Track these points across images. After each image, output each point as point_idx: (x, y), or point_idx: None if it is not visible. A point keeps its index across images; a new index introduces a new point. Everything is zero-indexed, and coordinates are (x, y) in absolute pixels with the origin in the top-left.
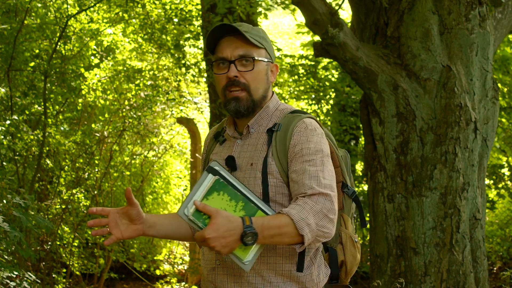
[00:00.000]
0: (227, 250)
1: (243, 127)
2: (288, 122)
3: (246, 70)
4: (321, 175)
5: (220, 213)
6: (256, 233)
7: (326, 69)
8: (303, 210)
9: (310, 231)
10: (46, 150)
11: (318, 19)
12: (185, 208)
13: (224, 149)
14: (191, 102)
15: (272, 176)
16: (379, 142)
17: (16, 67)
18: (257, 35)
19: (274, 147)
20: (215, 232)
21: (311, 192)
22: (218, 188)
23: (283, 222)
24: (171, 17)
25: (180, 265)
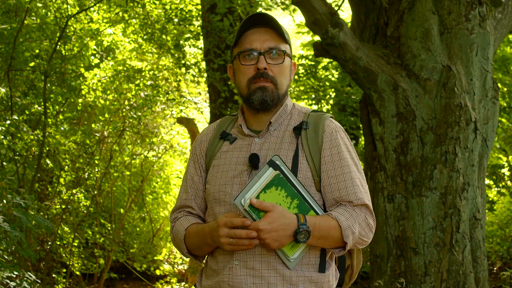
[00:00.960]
0: (277, 245)
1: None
2: (316, 121)
3: (275, 63)
4: (363, 182)
5: (276, 208)
6: (309, 231)
7: (326, 69)
8: (351, 218)
9: (353, 239)
10: (46, 150)
11: (318, 19)
12: (242, 198)
13: (237, 148)
14: (191, 102)
15: (301, 174)
16: (379, 142)
17: (16, 67)
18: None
19: (305, 145)
20: (269, 225)
21: (357, 202)
22: (277, 183)
23: (332, 226)
24: (171, 17)
25: (180, 265)
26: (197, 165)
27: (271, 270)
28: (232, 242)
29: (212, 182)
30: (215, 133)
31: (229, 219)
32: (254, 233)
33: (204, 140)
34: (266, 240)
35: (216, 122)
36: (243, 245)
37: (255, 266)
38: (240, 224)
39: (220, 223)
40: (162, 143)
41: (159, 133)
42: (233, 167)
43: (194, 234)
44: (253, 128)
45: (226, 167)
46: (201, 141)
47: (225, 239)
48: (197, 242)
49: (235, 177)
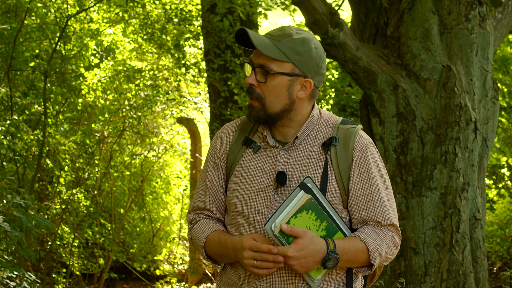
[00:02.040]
0: (304, 270)
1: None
2: (346, 136)
3: (260, 81)
4: (390, 200)
5: (306, 234)
6: (338, 258)
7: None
8: (378, 239)
9: (380, 259)
10: (46, 150)
11: (318, 19)
12: (272, 223)
13: (262, 159)
14: (191, 102)
15: (330, 194)
16: (379, 142)
17: (16, 67)
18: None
19: (335, 163)
20: (298, 252)
21: (384, 223)
22: (308, 207)
23: (360, 249)
24: (171, 17)
25: (180, 265)
26: (216, 166)
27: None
28: (256, 265)
29: (235, 192)
30: (237, 136)
31: (255, 244)
32: (281, 259)
33: (225, 141)
34: (294, 267)
35: (237, 122)
36: (267, 268)
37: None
38: (267, 251)
39: (245, 246)
40: (162, 143)
41: (159, 133)
42: (257, 179)
43: (216, 244)
44: (278, 138)
45: (250, 178)
46: (222, 142)
47: (249, 261)
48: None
49: (260, 191)
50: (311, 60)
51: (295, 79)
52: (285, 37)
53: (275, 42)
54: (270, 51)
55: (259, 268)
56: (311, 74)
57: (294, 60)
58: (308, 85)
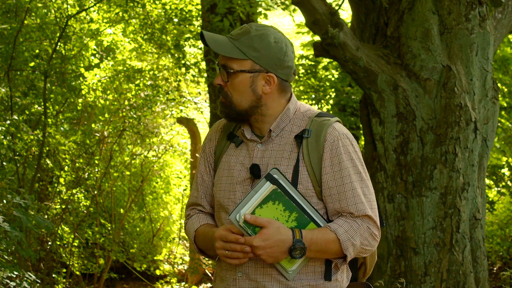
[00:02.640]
0: (272, 260)
1: (260, 130)
2: (318, 128)
3: (224, 80)
4: (366, 191)
5: (271, 224)
6: (305, 248)
7: (326, 69)
8: (351, 229)
9: (354, 250)
10: (46, 150)
11: (318, 19)
12: (237, 213)
13: (242, 153)
14: (191, 102)
15: (302, 186)
16: (379, 142)
17: (16, 67)
18: (245, 44)
19: (306, 155)
20: (263, 242)
21: (358, 214)
22: (274, 198)
23: (330, 239)
24: (171, 17)
25: (180, 265)
26: (207, 163)
27: (273, 282)
28: (227, 255)
29: (217, 186)
30: (223, 132)
31: (224, 234)
32: (248, 249)
33: (213, 138)
34: (261, 256)
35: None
36: (238, 258)
37: (258, 278)
38: (234, 241)
39: (216, 236)
40: (162, 143)
41: (159, 133)
42: (237, 173)
43: (203, 237)
44: (256, 132)
45: (231, 172)
46: (210, 139)
47: (221, 251)
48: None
49: (238, 184)
50: (270, 54)
51: (256, 75)
52: (243, 35)
53: (233, 41)
54: (226, 51)
55: (230, 258)
56: (273, 68)
57: (252, 56)
58: (271, 79)
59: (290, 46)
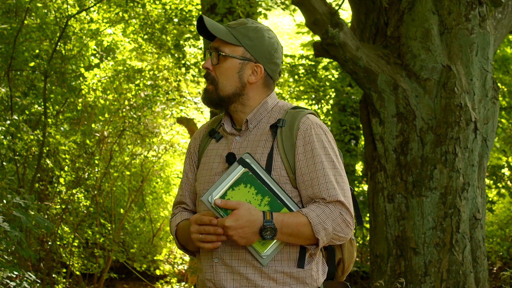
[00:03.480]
0: (245, 242)
1: (238, 122)
2: (292, 118)
3: (214, 63)
4: (338, 179)
5: (242, 205)
6: (275, 229)
7: (326, 69)
8: (322, 214)
9: (326, 235)
10: (46, 150)
11: (318, 19)
12: (209, 195)
13: (221, 146)
14: (191, 102)
15: (275, 172)
16: (379, 142)
17: (16, 67)
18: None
19: (280, 143)
20: (234, 222)
21: (330, 199)
22: (245, 181)
23: (301, 222)
24: (171, 17)
25: (180, 265)
26: (191, 161)
27: (248, 267)
28: (200, 238)
29: (198, 179)
30: (207, 131)
31: (199, 217)
32: (221, 230)
33: (197, 137)
34: (233, 237)
35: (211, 120)
36: (211, 241)
37: (233, 263)
38: (208, 222)
39: (191, 220)
40: (162, 143)
41: (159, 133)
42: (215, 165)
43: (182, 229)
44: (237, 126)
45: (210, 165)
46: (195, 138)
47: (195, 235)
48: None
49: (216, 175)
50: (262, 46)
51: (246, 63)
52: (239, 25)
53: (229, 29)
54: (221, 34)
55: (204, 242)
56: (262, 60)
57: (245, 44)
58: (258, 70)
59: (280, 47)
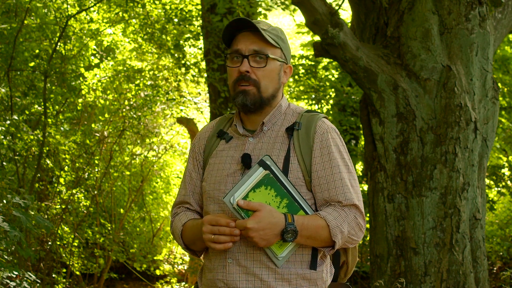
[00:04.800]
0: (265, 243)
1: (253, 125)
2: (308, 121)
3: (258, 66)
4: (353, 183)
5: (264, 207)
6: (296, 231)
7: (326, 69)
8: (339, 217)
9: (342, 238)
10: (46, 150)
11: (318, 19)
12: (231, 196)
13: (232, 147)
14: (191, 102)
15: (292, 174)
16: (379, 142)
17: (16, 67)
18: (274, 34)
19: (296, 146)
20: (256, 224)
21: (346, 203)
22: (266, 183)
23: (320, 225)
24: (171, 17)
25: (180, 265)
26: (195, 161)
27: (263, 268)
28: (213, 239)
29: (207, 179)
30: (213, 131)
31: (214, 218)
32: (237, 231)
33: (202, 137)
34: (254, 239)
35: (216, 120)
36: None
37: (247, 264)
38: (225, 224)
39: (205, 220)
40: (162, 143)
41: (159, 133)
42: (227, 166)
43: (190, 229)
44: (248, 128)
45: (221, 165)
46: (199, 138)
47: (207, 235)
48: (191, 237)
49: (229, 175)
50: (288, 48)
51: (282, 65)
52: (268, 26)
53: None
54: (269, 37)
55: (216, 243)
56: (289, 61)
57: (282, 46)
58: (288, 70)
59: None
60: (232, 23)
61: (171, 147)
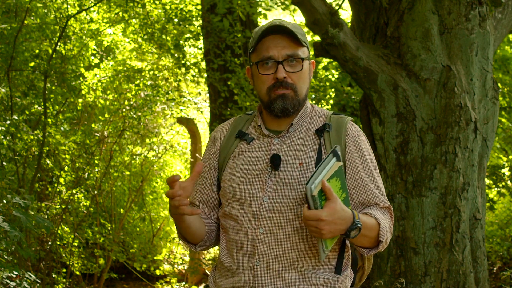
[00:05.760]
0: (330, 236)
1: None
2: (338, 124)
3: (294, 71)
4: (382, 186)
5: (338, 200)
6: (361, 228)
7: (326, 69)
8: (384, 218)
9: (387, 239)
10: (46, 150)
11: (318, 19)
12: (312, 183)
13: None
14: (191, 102)
15: None
16: (379, 142)
17: (16, 67)
18: (300, 33)
19: (328, 148)
20: (330, 216)
21: (382, 205)
22: (338, 175)
23: (373, 224)
24: (171, 17)
25: (180, 265)
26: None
27: (292, 271)
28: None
29: (230, 181)
30: (230, 132)
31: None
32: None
33: (218, 138)
34: (323, 231)
35: (230, 121)
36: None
37: (277, 267)
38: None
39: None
40: (162, 143)
41: (159, 133)
42: (252, 167)
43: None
44: (272, 128)
45: (245, 167)
46: (214, 139)
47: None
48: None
49: (255, 177)
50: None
51: (310, 62)
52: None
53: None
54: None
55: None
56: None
57: (307, 44)
58: (312, 66)
59: None
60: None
61: (171, 147)
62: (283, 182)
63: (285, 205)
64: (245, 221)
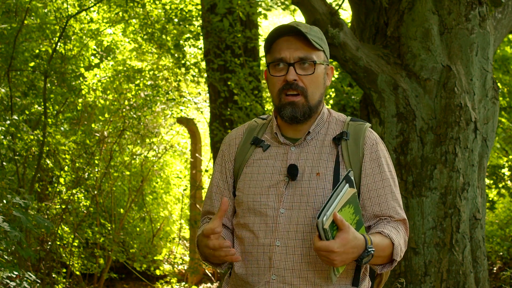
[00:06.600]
0: (341, 265)
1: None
2: (356, 131)
3: (305, 73)
4: (399, 197)
5: (350, 229)
6: (373, 255)
7: None
8: (398, 235)
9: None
10: (46, 150)
11: (318, 19)
12: (324, 216)
13: (272, 156)
14: (191, 102)
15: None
16: None
17: (16, 67)
18: (316, 36)
19: (346, 157)
20: (342, 247)
21: (397, 217)
22: (351, 201)
23: (386, 244)
24: (171, 17)
25: (180, 265)
26: (224, 170)
27: (308, 285)
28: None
29: (245, 190)
30: (245, 138)
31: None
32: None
33: (232, 144)
34: (334, 261)
35: (244, 126)
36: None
37: (293, 281)
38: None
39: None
40: (162, 143)
41: (159, 133)
42: (268, 176)
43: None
44: (288, 136)
45: (261, 176)
46: (229, 145)
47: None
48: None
49: (271, 187)
50: (327, 47)
51: (326, 67)
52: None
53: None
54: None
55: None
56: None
57: (324, 48)
58: (330, 72)
59: None
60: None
61: (171, 147)
62: (300, 193)
63: (302, 217)
64: (261, 232)
